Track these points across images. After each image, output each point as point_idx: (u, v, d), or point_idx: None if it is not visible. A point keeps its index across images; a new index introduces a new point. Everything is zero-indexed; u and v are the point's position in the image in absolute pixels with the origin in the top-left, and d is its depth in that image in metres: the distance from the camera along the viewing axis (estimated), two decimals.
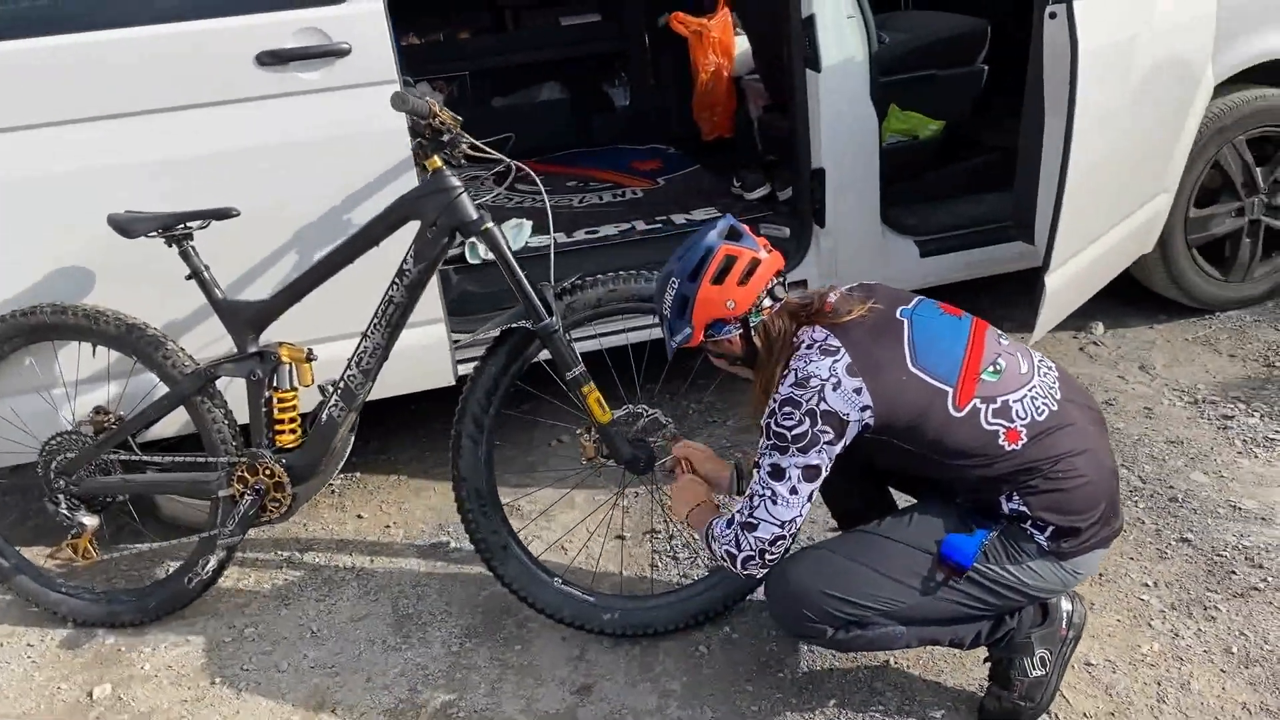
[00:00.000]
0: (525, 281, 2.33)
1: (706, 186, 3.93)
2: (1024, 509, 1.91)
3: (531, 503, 3.04)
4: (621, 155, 4.47)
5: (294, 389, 2.53)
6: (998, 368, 1.93)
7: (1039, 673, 2.04)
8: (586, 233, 3.53)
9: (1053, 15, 2.58)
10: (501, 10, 4.71)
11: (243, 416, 2.56)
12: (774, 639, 2.43)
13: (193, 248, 2.47)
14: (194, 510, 2.95)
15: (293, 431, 2.55)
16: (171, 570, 2.77)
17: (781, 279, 2.05)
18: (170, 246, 2.47)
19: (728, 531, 1.99)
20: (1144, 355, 3.51)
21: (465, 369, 3.08)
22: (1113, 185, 2.95)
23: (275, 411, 2.53)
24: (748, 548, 1.96)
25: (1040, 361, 2.02)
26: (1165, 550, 2.56)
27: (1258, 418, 3.07)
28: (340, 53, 2.63)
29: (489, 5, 4.71)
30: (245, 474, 2.53)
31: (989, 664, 2.12)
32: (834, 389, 1.86)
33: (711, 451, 2.37)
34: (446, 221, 2.35)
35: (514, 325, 2.35)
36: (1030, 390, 1.93)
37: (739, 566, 1.98)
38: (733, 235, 2.02)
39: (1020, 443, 1.89)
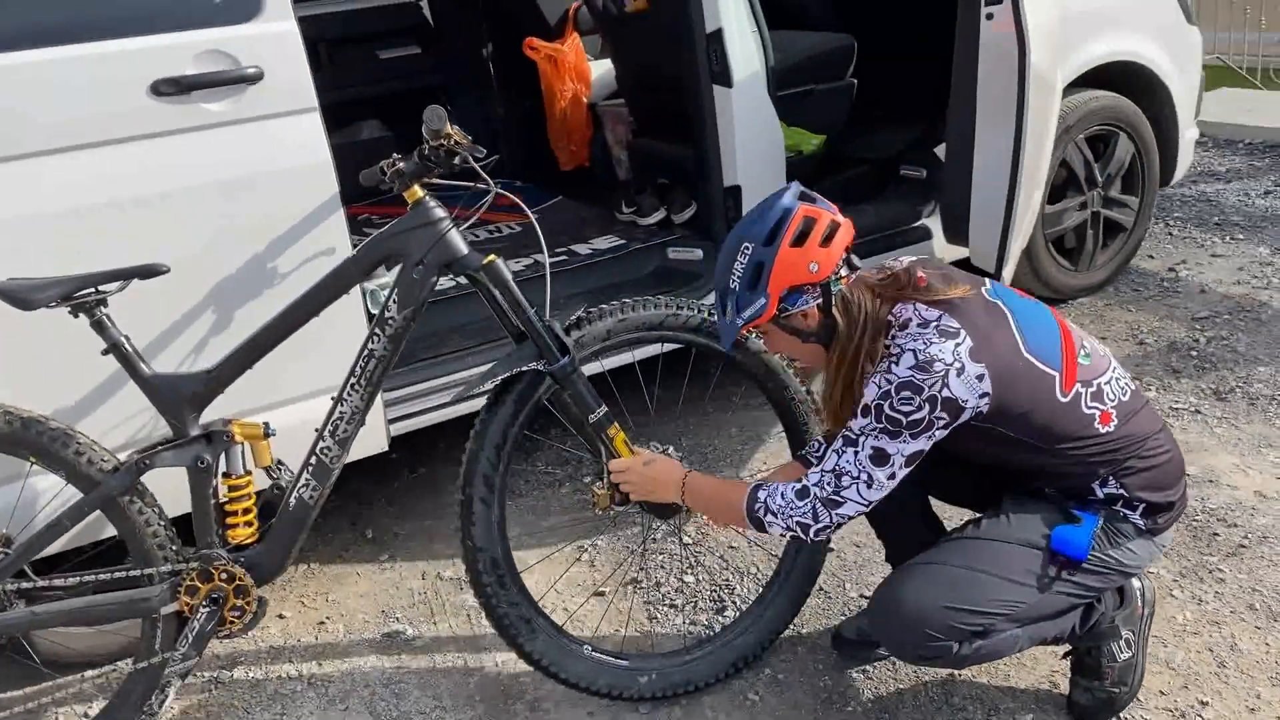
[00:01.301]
0: (535, 319, 2.08)
1: (590, 215, 3.76)
2: (1121, 491, 1.89)
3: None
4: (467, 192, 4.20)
5: (249, 473, 2.13)
6: (1087, 351, 1.91)
7: (1126, 655, 2.03)
8: None
9: (990, 16, 2.65)
10: (315, 44, 4.32)
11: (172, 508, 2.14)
12: (825, 673, 2.29)
13: (108, 316, 2.03)
14: (87, 640, 2.42)
15: (249, 524, 2.14)
16: (94, 713, 2.25)
17: (853, 252, 1.96)
18: (78, 316, 2.01)
19: (801, 504, 1.88)
20: None
21: (398, 429, 2.76)
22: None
23: (227, 502, 2.12)
24: (825, 520, 1.87)
25: (1102, 345, 2.02)
26: None
27: (1155, 391, 3.29)
28: (251, 78, 2.27)
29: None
30: (196, 582, 2.09)
31: (1069, 658, 2.09)
32: (958, 375, 1.77)
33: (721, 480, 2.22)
34: (436, 259, 2.07)
35: (522, 369, 2.09)
36: (1114, 372, 1.93)
37: (811, 535, 1.90)
38: (806, 198, 1.90)
39: (1112, 424, 1.88)
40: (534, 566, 2.71)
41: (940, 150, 3.38)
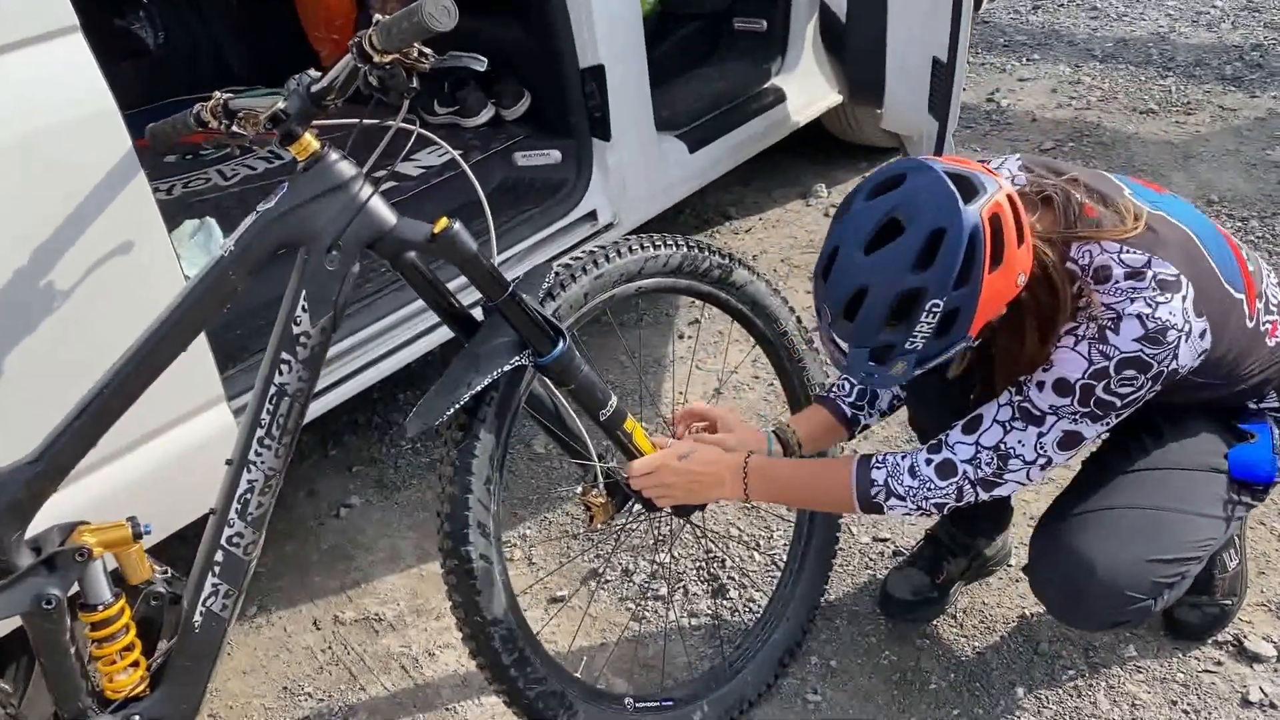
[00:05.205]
0: (523, 299, 1.49)
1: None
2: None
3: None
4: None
5: (119, 594, 1.42)
6: (1247, 252, 1.58)
7: (1234, 564, 1.82)
8: None
9: None
10: None
11: None
12: (883, 647, 1.94)
13: None
14: None
15: (134, 665, 1.45)
16: None
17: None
18: None
19: (944, 484, 1.50)
20: None
21: None
22: None
23: (96, 643, 1.41)
24: (970, 498, 1.52)
25: None
26: None
27: None
28: None
29: None
30: None
31: None
32: (1186, 339, 1.39)
33: (739, 415, 1.78)
34: (356, 237, 1.41)
35: (505, 369, 1.50)
36: (1267, 269, 1.62)
37: (940, 512, 1.58)
38: (963, 185, 1.33)
39: (1278, 334, 1.58)
40: None
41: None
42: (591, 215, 2.65)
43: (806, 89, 3.21)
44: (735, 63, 3.22)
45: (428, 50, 1.33)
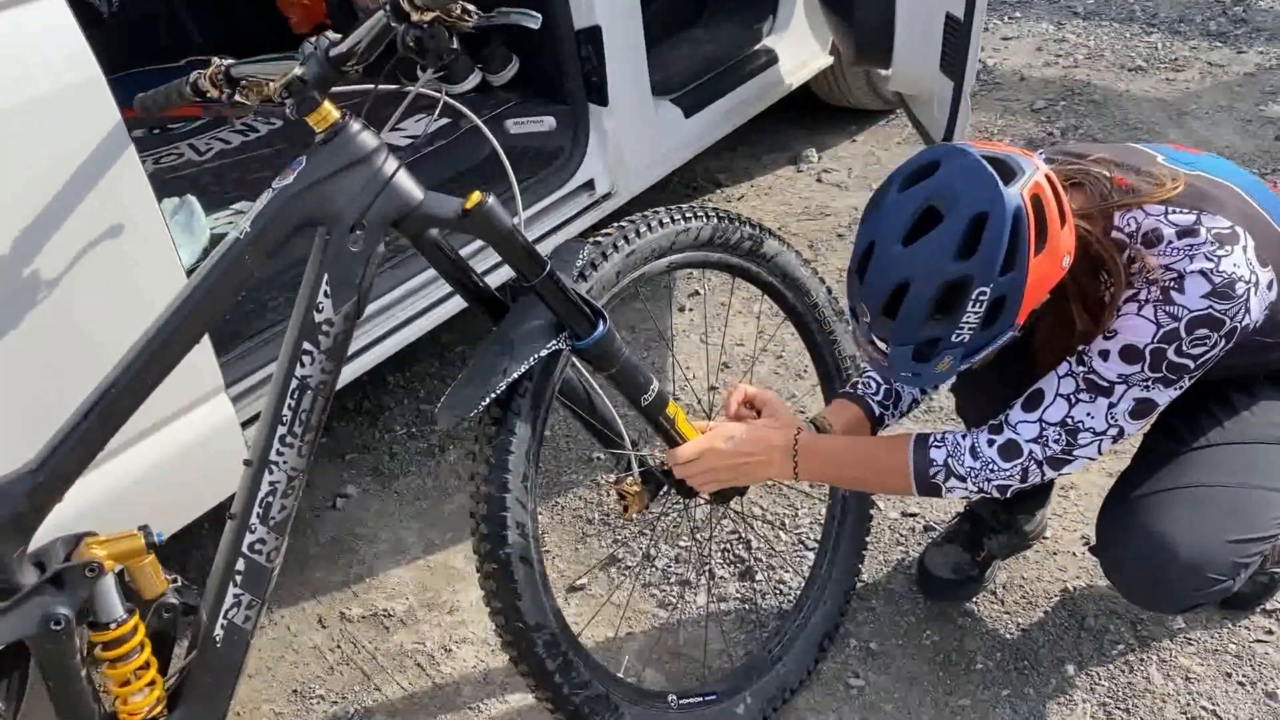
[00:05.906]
0: (562, 280, 1.39)
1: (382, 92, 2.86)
2: None
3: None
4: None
5: (132, 610, 1.31)
6: None
7: None
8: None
9: None
10: None
11: None
12: (923, 627, 1.87)
13: None
14: None
15: (150, 685, 1.33)
16: None
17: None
18: None
19: (1008, 465, 1.43)
20: (878, 170, 3.32)
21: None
22: None
23: (108, 664, 1.30)
24: (1036, 478, 1.45)
25: None
26: None
27: None
28: None
29: None
30: None
31: None
32: (1255, 290, 1.33)
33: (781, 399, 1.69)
34: (381, 214, 1.30)
35: (541, 354, 1.39)
36: None
37: (1003, 495, 1.48)
38: (1001, 167, 1.28)
39: None
40: None
41: None
42: (589, 185, 2.54)
43: (798, 50, 3.11)
44: (725, 24, 3.11)
45: (471, 7, 1.21)
